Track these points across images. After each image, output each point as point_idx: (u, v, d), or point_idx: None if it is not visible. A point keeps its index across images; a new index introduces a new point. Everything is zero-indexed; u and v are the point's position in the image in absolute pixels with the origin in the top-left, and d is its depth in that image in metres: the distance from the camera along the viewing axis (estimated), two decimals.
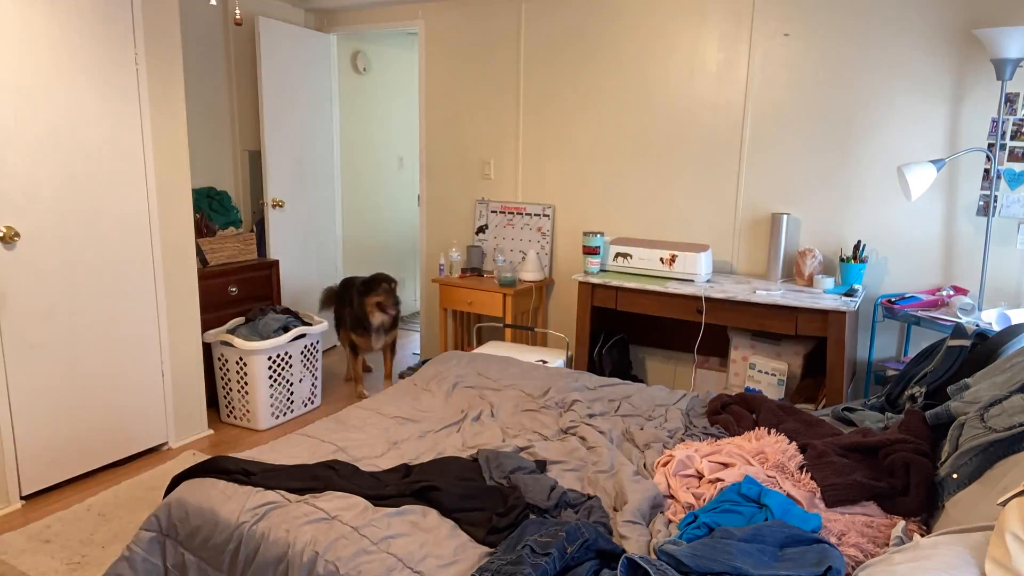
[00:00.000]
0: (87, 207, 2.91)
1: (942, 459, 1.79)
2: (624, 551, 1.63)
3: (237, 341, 3.44)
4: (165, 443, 3.36)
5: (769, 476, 1.87)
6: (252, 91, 4.36)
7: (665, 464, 2.01)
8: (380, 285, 3.83)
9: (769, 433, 2.13)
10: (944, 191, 3.14)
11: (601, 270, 3.59)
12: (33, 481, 2.85)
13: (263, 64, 4.19)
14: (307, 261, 4.66)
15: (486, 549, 1.65)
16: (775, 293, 3.08)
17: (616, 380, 2.85)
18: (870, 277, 3.33)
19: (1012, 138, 2.98)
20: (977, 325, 2.49)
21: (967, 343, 2.25)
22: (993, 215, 3.00)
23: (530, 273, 3.99)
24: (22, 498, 2.84)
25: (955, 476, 1.68)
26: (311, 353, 3.81)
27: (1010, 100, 2.95)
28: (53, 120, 2.76)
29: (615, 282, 3.40)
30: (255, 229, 4.33)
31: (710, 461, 1.96)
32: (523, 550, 1.53)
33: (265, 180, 4.31)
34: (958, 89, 3.06)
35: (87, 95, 2.87)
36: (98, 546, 2.51)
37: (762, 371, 3.30)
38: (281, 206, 4.40)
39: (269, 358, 3.54)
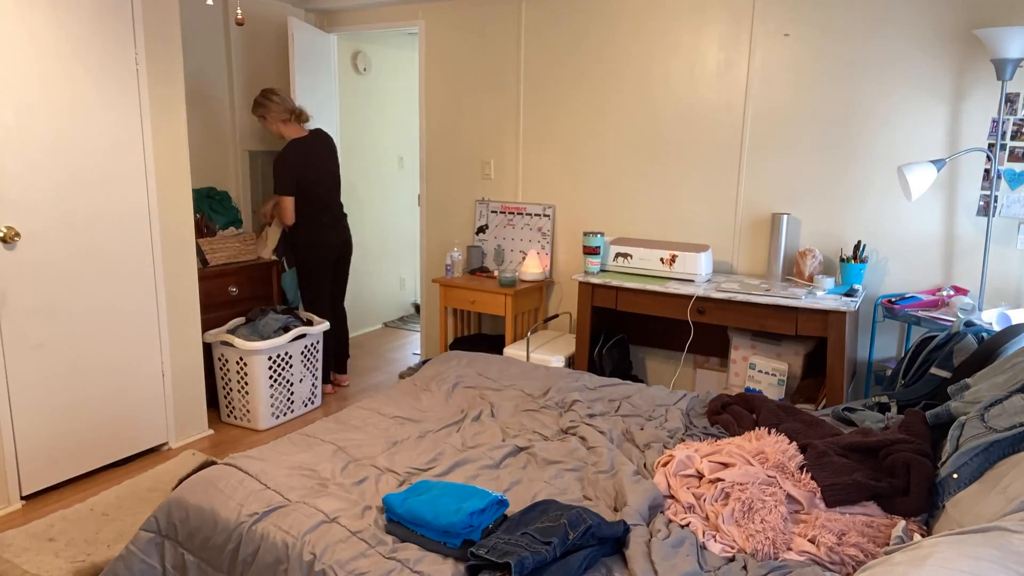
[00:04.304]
0: (87, 207, 2.91)
1: (942, 459, 1.79)
2: (628, 529, 1.65)
3: (237, 341, 3.44)
4: (165, 443, 3.36)
5: (769, 476, 1.87)
6: (253, 91, 4.36)
7: (665, 464, 2.01)
8: None
9: (769, 433, 2.13)
10: (944, 191, 3.14)
11: (601, 270, 3.59)
12: (33, 481, 2.85)
13: (296, 65, 4.23)
14: None
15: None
16: (775, 293, 3.08)
17: (616, 380, 2.85)
18: (870, 277, 3.33)
19: (1012, 138, 2.98)
20: (970, 325, 2.49)
21: (948, 375, 2.28)
22: (993, 215, 3.00)
23: (530, 273, 3.99)
24: (22, 498, 2.84)
25: (955, 476, 1.68)
26: (311, 353, 3.81)
27: (1010, 100, 2.95)
28: (53, 120, 2.76)
29: (615, 282, 3.40)
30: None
31: (710, 461, 1.96)
32: (523, 538, 1.55)
33: None
34: (958, 89, 3.06)
35: (87, 95, 2.87)
36: (103, 545, 2.51)
37: (762, 371, 3.30)
38: None
39: (269, 358, 3.54)
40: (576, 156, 4.00)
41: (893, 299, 3.14)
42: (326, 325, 3.82)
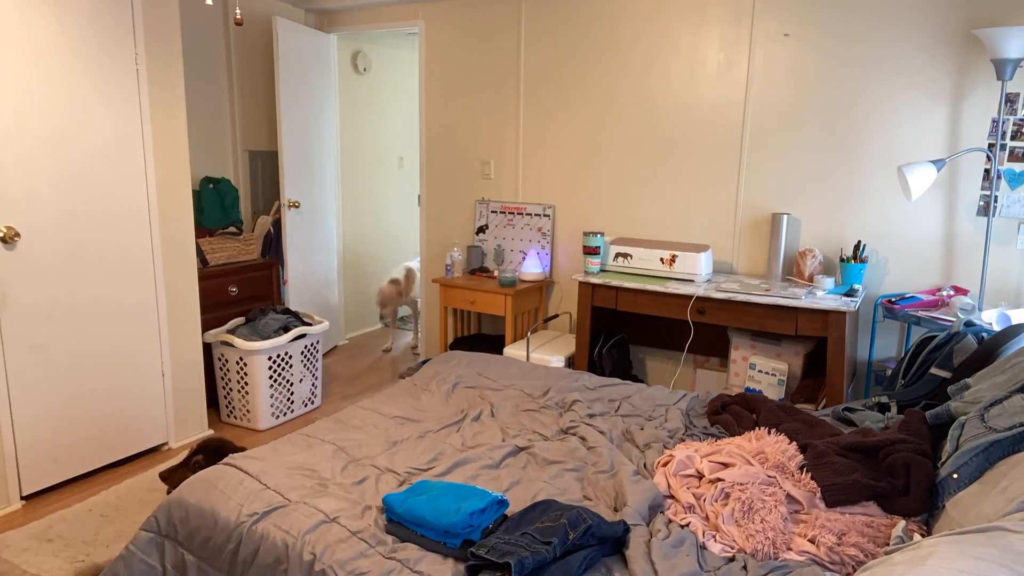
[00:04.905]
0: (87, 207, 2.91)
1: (942, 459, 1.79)
2: (628, 529, 1.65)
3: (237, 341, 3.44)
4: (165, 443, 3.36)
5: (769, 476, 1.87)
6: (253, 91, 4.36)
7: (665, 464, 2.01)
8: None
9: (769, 433, 2.13)
10: (944, 191, 3.14)
11: (601, 270, 3.59)
12: (33, 481, 2.85)
13: (281, 65, 4.19)
14: (312, 262, 4.65)
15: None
16: (775, 293, 3.08)
17: (616, 380, 2.85)
18: (870, 277, 3.33)
19: (1012, 138, 2.98)
20: (970, 325, 2.49)
21: (948, 375, 2.28)
22: (993, 215, 3.00)
23: (530, 273, 3.99)
24: (22, 498, 2.84)
25: (955, 476, 1.68)
26: (311, 353, 3.81)
27: (1010, 100, 2.95)
28: (53, 120, 2.76)
29: (615, 282, 3.40)
30: (272, 230, 4.32)
31: (710, 461, 1.96)
32: (523, 538, 1.55)
33: (282, 181, 4.31)
34: (958, 89, 3.06)
35: (87, 95, 2.87)
36: (102, 545, 2.51)
37: (762, 371, 3.30)
38: (297, 207, 4.40)
39: (269, 358, 3.53)
40: (576, 156, 4.00)
41: (893, 299, 3.14)
42: (326, 325, 3.82)
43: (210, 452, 2.67)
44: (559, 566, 1.51)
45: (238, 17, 2.68)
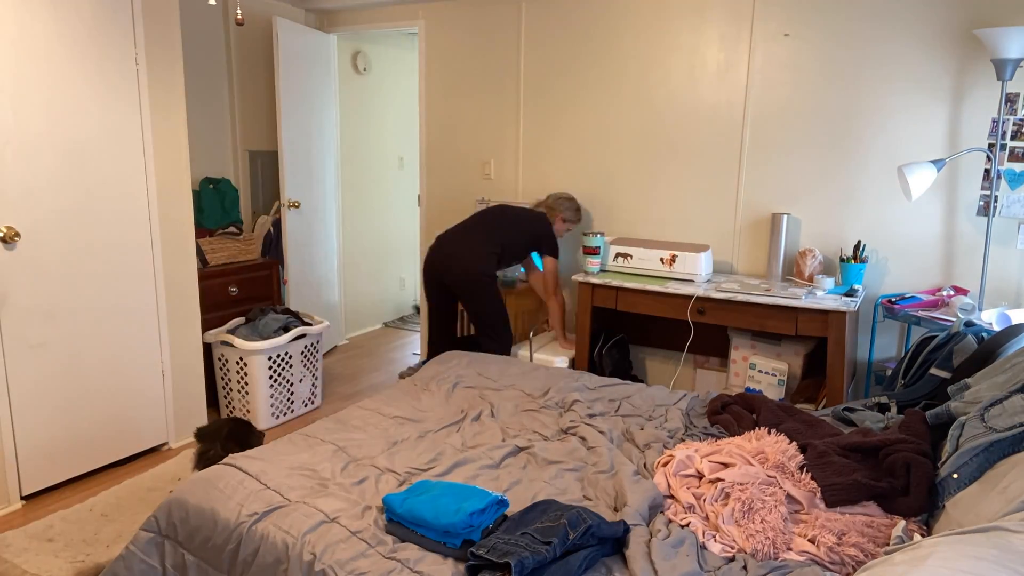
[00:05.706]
0: (87, 207, 2.91)
1: (942, 459, 1.79)
2: (628, 529, 1.65)
3: (237, 341, 3.44)
4: (165, 443, 3.36)
5: (769, 476, 1.87)
6: (253, 91, 4.36)
7: (665, 464, 2.01)
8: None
9: (769, 433, 2.13)
10: (944, 191, 3.14)
11: (601, 270, 3.59)
12: (33, 481, 2.85)
13: (281, 65, 4.19)
14: (312, 262, 4.65)
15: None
16: (775, 293, 3.08)
17: (616, 380, 2.85)
18: (870, 277, 3.33)
19: (1012, 138, 2.98)
20: (969, 325, 2.49)
21: (948, 375, 2.28)
22: (993, 215, 3.00)
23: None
24: (22, 498, 2.84)
25: (955, 476, 1.68)
26: (311, 353, 3.81)
27: (1010, 100, 2.95)
28: (53, 120, 2.76)
29: (615, 282, 3.40)
30: (272, 230, 4.31)
31: (710, 461, 1.96)
32: (523, 538, 1.55)
33: (282, 181, 4.31)
34: (958, 89, 3.06)
35: (87, 95, 2.87)
36: (102, 545, 2.51)
37: (762, 371, 3.30)
38: (297, 207, 4.40)
39: (269, 358, 3.54)
40: (576, 156, 4.00)
41: (893, 299, 3.14)
42: (326, 325, 3.82)
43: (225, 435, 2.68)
44: (559, 566, 1.51)
45: (238, 17, 2.68)
